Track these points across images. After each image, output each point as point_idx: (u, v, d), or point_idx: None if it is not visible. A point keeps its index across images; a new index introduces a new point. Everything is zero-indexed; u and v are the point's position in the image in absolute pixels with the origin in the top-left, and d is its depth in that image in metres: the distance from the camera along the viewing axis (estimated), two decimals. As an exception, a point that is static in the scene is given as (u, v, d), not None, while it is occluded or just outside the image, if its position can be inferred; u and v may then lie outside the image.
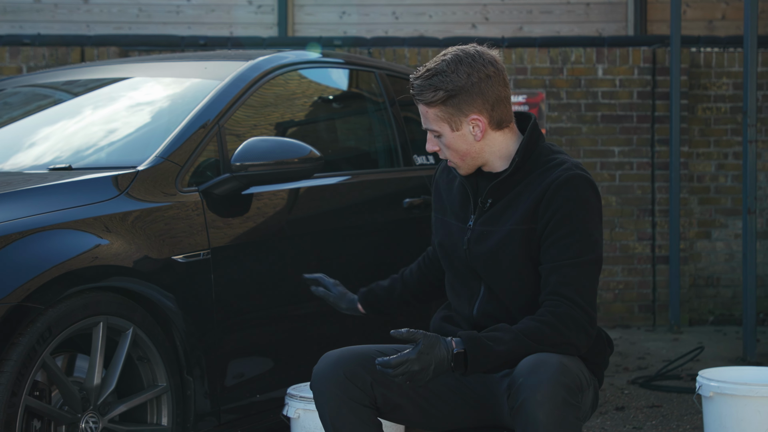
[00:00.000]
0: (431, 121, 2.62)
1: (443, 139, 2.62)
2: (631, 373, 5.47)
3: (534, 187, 2.58)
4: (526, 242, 2.57)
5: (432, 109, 2.60)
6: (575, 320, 2.50)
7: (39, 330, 2.77)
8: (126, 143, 3.55)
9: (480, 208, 2.65)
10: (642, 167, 7.08)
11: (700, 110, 7.19)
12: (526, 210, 2.57)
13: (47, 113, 4.01)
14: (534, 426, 2.33)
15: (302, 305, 3.63)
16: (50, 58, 6.84)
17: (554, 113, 7.04)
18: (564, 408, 2.34)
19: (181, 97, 3.74)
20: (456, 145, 2.62)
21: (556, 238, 2.53)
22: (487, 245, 2.61)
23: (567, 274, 2.52)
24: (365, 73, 4.39)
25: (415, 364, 2.42)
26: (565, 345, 2.49)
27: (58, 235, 2.89)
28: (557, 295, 2.51)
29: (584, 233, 2.54)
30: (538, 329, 2.48)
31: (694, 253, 7.17)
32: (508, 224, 2.59)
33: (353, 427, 2.52)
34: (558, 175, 2.56)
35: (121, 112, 3.80)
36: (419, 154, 4.38)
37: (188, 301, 3.18)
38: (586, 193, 2.56)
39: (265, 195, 3.51)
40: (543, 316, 2.50)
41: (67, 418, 2.89)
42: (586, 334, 2.52)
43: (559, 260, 2.52)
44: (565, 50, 7.07)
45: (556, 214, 2.53)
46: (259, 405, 3.44)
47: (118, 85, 4.03)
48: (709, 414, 3.32)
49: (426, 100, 2.59)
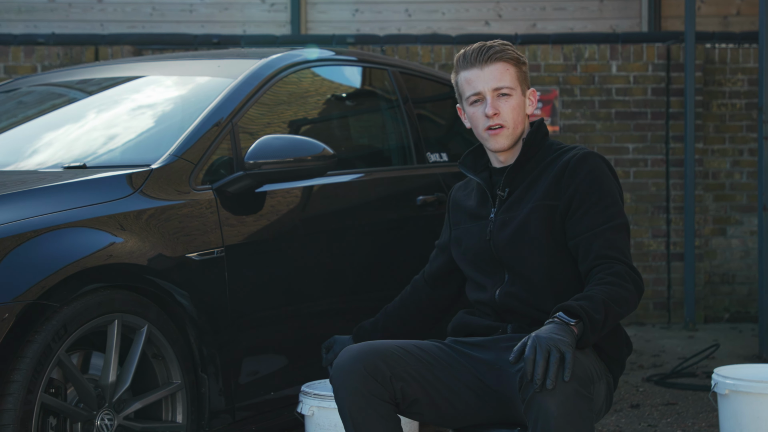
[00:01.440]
0: (509, 79, 2.75)
1: (512, 100, 2.75)
2: (646, 370, 5.46)
3: (552, 168, 2.71)
4: (547, 217, 2.67)
5: (513, 68, 2.76)
6: (632, 278, 2.58)
7: (54, 328, 2.78)
8: (140, 141, 3.56)
9: (499, 198, 2.76)
10: (656, 164, 7.06)
11: (714, 106, 7.16)
12: (546, 188, 2.68)
13: (61, 112, 4.03)
14: (546, 418, 2.33)
15: (316, 303, 3.63)
16: (64, 57, 6.87)
17: (568, 110, 7.03)
18: (576, 399, 2.34)
19: (194, 95, 3.75)
20: (519, 108, 2.77)
21: (588, 206, 2.64)
22: (510, 229, 2.71)
23: (609, 237, 2.61)
24: (378, 71, 4.38)
25: (536, 338, 2.36)
26: (633, 301, 2.55)
27: (72, 233, 2.90)
28: (606, 258, 2.58)
29: (613, 198, 2.67)
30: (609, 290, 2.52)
31: (710, 250, 7.15)
32: (530, 203, 2.70)
33: (372, 421, 2.54)
34: (575, 154, 2.71)
35: (135, 111, 3.81)
36: (432, 152, 4.38)
37: (202, 299, 3.18)
38: (605, 167, 2.71)
39: (279, 193, 3.52)
40: (604, 278, 2.55)
41: (82, 415, 2.90)
42: (639, 291, 2.59)
43: (597, 226, 2.62)
44: (578, 47, 7.06)
45: (581, 186, 2.65)
46: (273, 402, 3.45)
47: (131, 83, 4.04)
48: (724, 411, 3.31)
49: (508, 57, 2.75)
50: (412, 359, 2.62)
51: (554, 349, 2.33)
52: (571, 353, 2.34)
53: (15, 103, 4.22)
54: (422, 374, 2.61)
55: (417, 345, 2.68)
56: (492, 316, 2.74)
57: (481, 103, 2.76)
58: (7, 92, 4.28)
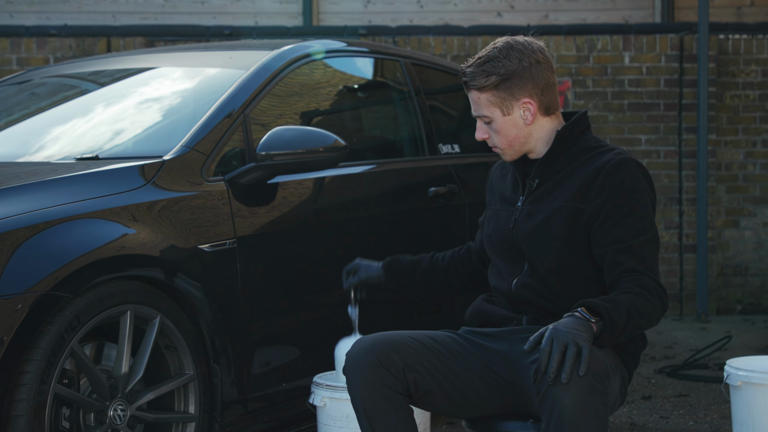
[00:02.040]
0: (483, 107, 2.70)
1: (494, 124, 2.70)
2: (658, 362, 5.45)
3: (585, 168, 2.66)
4: (572, 220, 2.63)
5: (484, 95, 2.68)
6: (659, 293, 2.56)
7: (67, 318, 2.79)
8: (152, 133, 3.57)
9: (528, 188, 2.73)
10: (669, 155, 7.04)
11: (728, 98, 7.13)
12: (577, 189, 2.64)
13: (74, 103, 4.03)
14: (560, 411, 2.32)
15: (328, 294, 3.63)
16: (77, 49, 6.88)
17: (580, 101, 7.01)
18: (590, 393, 2.33)
19: (206, 86, 3.75)
20: (506, 130, 2.70)
21: (619, 218, 2.59)
22: (534, 222, 2.68)
23: (637, 252, 2.57)
24: (390, 62, 4.38)
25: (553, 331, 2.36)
26: (656, 316, 2.54)
27: (85, 224, 2.91)
28: (634, 271, 2.56)
29: (644, 210, 2.62)
30: (634, 301, 2.51)
31: (722, 241, 7.13)
32: (557, 202, 2.66)
33: (385, 412, 2.54)
34: (611, 158, 2.64)
35: (147, 102, 3.82)
36: (444, 143, 4.37)
37: (214, 290, 3.19)
38: (640, 176, 2.64)
39: (291, 184, 3.52)
40: (632, 288, 2.53)
41: (95, 405, 2.91)
42: (663, 308, 2.58)
43: (626, 240, 2.58)
44: (591, 38, 7.03)
45: (613, 195, 2.60)
46: (285, 393, 3.46)
47: (143, 75, 4.04)
48: (736, 403, 3.30)
49: (478, 85, 2.68)
50: (426, 350, 2.62)
51: (572, 343, 2.33)
52: (588, 348, 2.34)
53: (27, 94, 4.23)
54: (435, 365, 2.61)
55: (430, 336, 2.68)
56: (508, 307, 2.74)
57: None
58: (20, 84, 4.30)
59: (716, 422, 4.26)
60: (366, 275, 3.07)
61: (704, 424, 4.24)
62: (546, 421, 2.36)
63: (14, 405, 2.69)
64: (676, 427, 4.20)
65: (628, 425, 4.23)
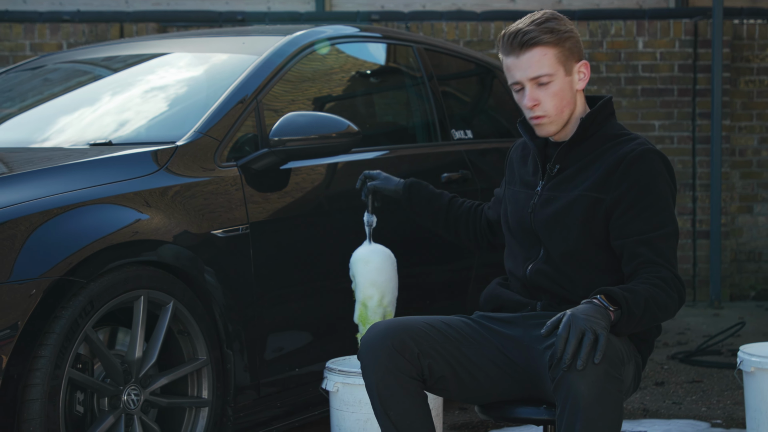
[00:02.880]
0: (546, 65, 2.61)
1: (552, 86, 2.63)
2: (671, 348, 5.45)
3: (607, 157, 2.63)
4: (591, 210, 2.61)
5: (552, 50, 2.62)
6: (677, 286, 2.55)
7: (81, 303, 2.80)
8: (165, 118, 3.57)
9: (548, 174, 2.71)
10: (683, 141, 7.01)
11: (742, 83, 7.09)
12: (598, 178, 2.61)
13: (87, 89, 4.04)
14: (575, 398, 2.32)
15: (340, 279, 3.63)
16: (90, 35, 6.89)
17: (593, 87, 6.98)
18: (606, 380, 2.33)
19: (219, 72, 3.75)
20: (563, 92, 2.65)
21: (638, 210, 2.57)
22: (552, 208, 2.66)
23: (657, 245, 2.55)
24: (403, 48, 4.37)
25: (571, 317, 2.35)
26: (673, 309, 2.53)
27: (99, 209, 2.92)
28: (653, 263, 2.54)
29: (665, 203, 2.59)
30: (655, 292, 2.50)
31: (736, 227, 7.10)
32: (576, 190, 2.64)
33: (399, 397, 2.54)
34: (633, 148, 2.61)
35: (160, 88, 3.82)
36: (457, 129, 4.37)
37: (227, 276, 3.20)
38: (662, 167, 2.62)
39: (303, 170, 3.52)
40: (652, 279, 2.52)
41: (109, 390, 2.93)
42: (681, 301, 2.56)
43: (646, 232, 2.56)
44: (605, 23, 7.00)
45: (634, 187, 2.57)
46: (298, 378, 3.47)
47: (156, 60, 4.05)
48: (750, 389, 3.30)
49: (546, 40, 2.61)
50: (440, 335, 2.62)
51: (589, 331, 2.33)
52: (604, 336, 2.33)
53: (41, 80, 4.24)
54: (449, 351, 2.61)
55: (444, 321, 2.68)
56: (522, 292, 2.74)
57: (522, 91, 2.66)
58: (33, 69, 4.30)
59: (729, 408, 4.25)
60: (384, 185, 3.18)
61: (717, 410, 4.24)
62: (561, 407, 2.36)
63: (28, 389, 2.70)
64: (689, 413, 4.19)
65: (641, 411, 4.23)
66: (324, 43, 3.92)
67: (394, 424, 2.54)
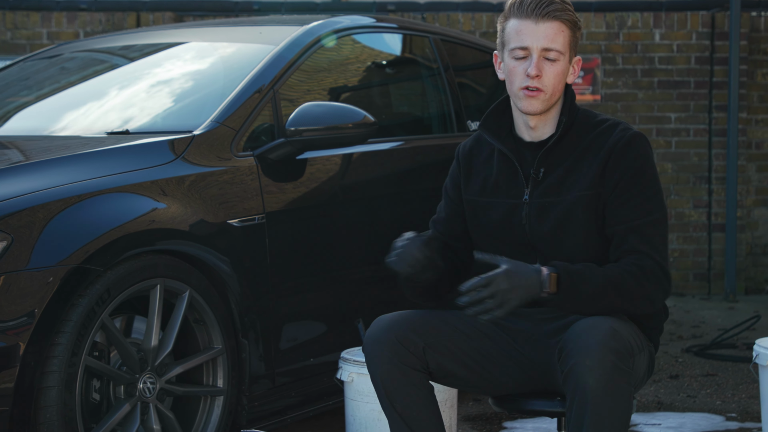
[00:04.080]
0: (561, 42, 2.54)
1: (557, 65, 2.55)
2: (685, 341, 5.43)
3: (595, 150, 2.56)
4: (593, 207, 2.55)
5: (568, 31, 2.55)
6: (657, 277, 2.50)
7: (98, 291, 2.81)
8: (182, 108, 3.58)
9: (533, 179, 2.59)
10: (699, 134, 6.99)
11: (759, 76, 7.06)
12: (593, 175, 2.54)
13: (104, 78, 4.05)
14: (584, 391, 2.32)
15: (355, 270, 3.64)
16: (106, 24, 6.90)
17: (610, 79, 6.96)
18: (614, 373, 2.33)
19: (235, 62, 3.76)
20: (561, 76, 2.57)
21: (628, 197, 2.53)
22: (551, 217, 2.56)
23: (645, 232, 2.51)
24: (419, 38, 4.37)
25: (503, 281, 2.37)
26: (644, 299, 2.49)
27: (116, 198, 2.93)
28: (638, 251, 2.51)
29: (654, 190, 2.56)
30: (623, 278, 2.47)
31: (751, 221, 7.08)
32: (573, 192, 2.55)
33: (405, 389, 2.53)
34: (620, 136, 2.56)
35: (177, 77, 3.83)
36: (473, 120, 4.36)
37: (243, 265, 3.21)
38: (649, 151, 2.59)
39: (319, 160, 3.52)
40: (628, 266, 2.49)
41: (125, 378, 2.94)
42: (664, 292, 2.53)
43: (635, 219, 2.52)
44: (621, 15, 6.98)
45: (625, 174, 2.53)
46: (312, 368, 3.47)
47: (173, 50, 4.05)
48: (765, 383, 3.29)
49: (567, 18, 2.54)
50: (447, 328, 2.60)
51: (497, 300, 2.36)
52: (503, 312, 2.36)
53: (58, 68, 4.25)
54: (457, 344, 2.59)
55: (452, 314, 2.66)
56: None
57: (525, 59, 2.54)
58: (50, 58, 4.32)
59: (744, 402, 4.24)
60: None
61: (732, 403, 4.23)
62: (570, 399, 2.36)
63: (46, 377, 2.72)
64: (704, 406, 4.19)
65: (655, 403, 4.22)
66: (340, 33, 3.91)
67: (400, 416, 2.53)
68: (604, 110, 6.93)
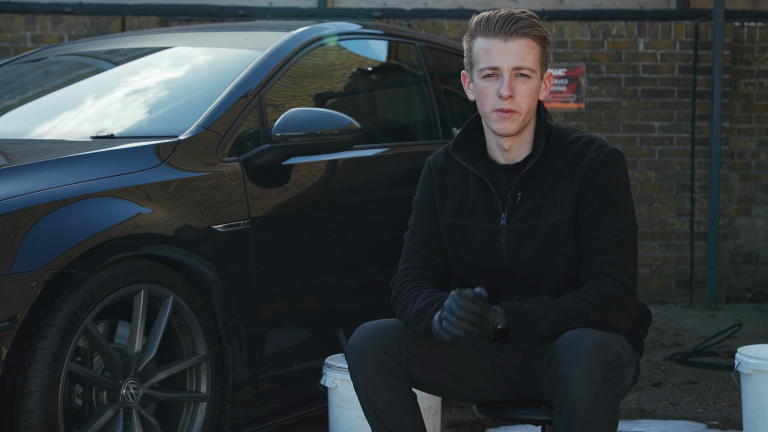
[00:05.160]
0: (532, 59, 2.48)
1: (530, 83, 2.48)
2: (667, 349, 5.45)
3: (571, 171, 2.52)
4: (574, 229, 2.53)
5: (538, 47, 2.48)
6: (620, 302, 2.48)
7: (81, 296, 2.80)
8: (167, 112, 3.57)
9: (510, 203, 2.55)
10: (682, 143, 7.02)
11: (742, 85, 7.10)
12: (570, 197, 2.51)
13: (89, 82, 4.04)
14: (572, 401, 2.33)
15: (340, 276, 3.64)
16: (91, 27, 6.88)
17: (594, 87, 6.99)
18: (603, 384, 2.33)
19: (221, 67, 3.75)
20: (534, 94, 2.50)
21: (600, 216, 2.50)
22: (532, 242, 2.53)
23: (612, 252, 2.49)
24: (405, 45, 4.37)
25: (480, 317, 2.37)
26: (606, 326, 2.47)
27: (100, 203, 2.92)
28: (603, 274, 2.48)
29: (626, 210, 2.53)
30: (582, 308, 2.46)
31: (733, 229, 7.11)
32: (552, 216, 2.52)
33: (387, 397, 2.52)
34: (595, 155, 2.52)
35: (162, 82, 3.82)
36: (458, 127, 4.36)
37: (228, 271, 3.20)
38: (623, 168, 2.55)
39: (305, 166, 3.52)
40: (588, 294, 2.47)
41: (108, 383, 2.93)
42: (629, 315, 2.50)
43: (605, 239, 2.50)
44: (606, 24, 7.01)
45: (599, 194, 2.50)
46: (296, 374, 3.47)
47: (158, 54, 4.04)
48: (747, 391, 3.30)
49: (535, 34, 2.47)
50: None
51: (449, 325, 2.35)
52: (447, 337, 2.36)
53: (42, 72, 4.23)
54: (441, 352, 2.58)
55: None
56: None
57: (496, 79, 2.47)
58: (35, 62, 4.30)
59: (726, 410, 4.26)
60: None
61: (714, 411, 4.25)
62: (558, 409, 2.36)
63: (28, 381, 2.70)
64: (686, 414, 4.20)
65: (638, 411, 4.23)
66: (327, 39, 3.92)
67: (383, 423, 2.53)
68: (588, 118, 6.96)
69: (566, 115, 6.94)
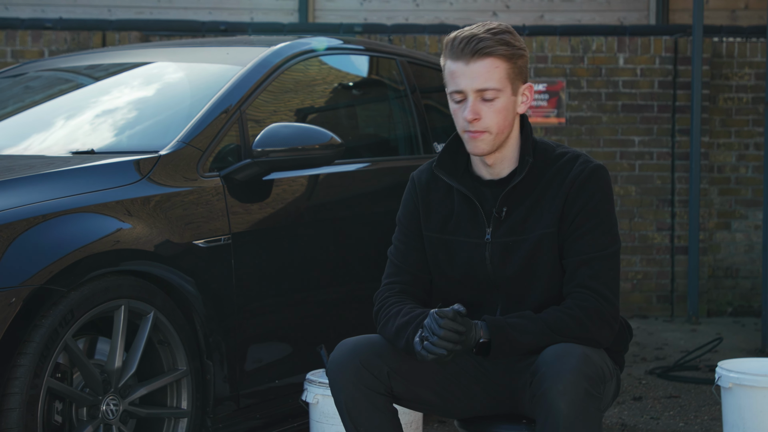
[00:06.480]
0: (495, 79, 2.45)
1: (497, 102, 2.47)
2: (648, 363, 5.47)
3: (556, 186, 2.53)
4: (558, 244, 2.53)
5: (504, 65, 2.45)
6: (602, 316, 2.49)
7: (61, 312, 2.79)
8: (148, 128, 3.56)
9: (495, 218, 2.55)
10: (662, 157, 7.06)
11: (721, 100, 7.15)
12: (555, 211, 2.52)
13: (69, 97, 4.03)
14: (555, 416, 2.33)
15: (322, 291, 3.63)
16: (72, 43, 6.87)
17: (574, 102, 7.02)
18: (586, 399, 2.34)
19: (202, 82, 3.75)
20: (506, 112, 2.49)
21: (584, 231, 2.51)
22: (516, 257, 2.54)
23: (595, 266, 2.50)
24: (386, 60, 4.38)
25: (461, 333, 2.39)
26: (588, 340, 2.48)
27: (80, 218, 2.91)
28: (585, 288, 2.49)
29: (609, 224, 2.54)
30: (564, 322, 2.46)
31: (714, 243, 7.15)
32: (536, 230, 2.53)
33: (368, 414, 2.51)
34: (580, 170, 2.53)
35: (143, 97, 3.81)
36: (440, 142, 4.38)
37: (208, 286, 3.19)
38: (607, 183, 2.56)
39: (286, 181, 3.52)
40: (570, 309, 2.48)
41: (88, 400, 2.91)
42: (611, 329, 2.51)
43: (588, 253, 2.50)
44: (586, 39, 7.05)
45: (583, 209, 2.51)
46: (277, 390, 3.46)
47: (139, 70, 4.04)
48: (728, 405, 3.31)
49: (499, 52, 2.44)
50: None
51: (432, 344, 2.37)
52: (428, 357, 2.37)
53: (22, 87, 4.22)
54: (423, 368, 2.58)
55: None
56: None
57: (463, 102, 2.48)
58: (15, 77, 4.29)
59: (707, 424, 4.27)
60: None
61: (695, 425, 4.26)
62: (540, 424, 2.36)
63: (7, 398, 2.69)
64: (667, 428, 4.21)
65: (619, 426, 4.24)
66: (308, 54, 3.92)
67: None
68: (568, 133, 6.99)
69: (547, 130, 6.97)
